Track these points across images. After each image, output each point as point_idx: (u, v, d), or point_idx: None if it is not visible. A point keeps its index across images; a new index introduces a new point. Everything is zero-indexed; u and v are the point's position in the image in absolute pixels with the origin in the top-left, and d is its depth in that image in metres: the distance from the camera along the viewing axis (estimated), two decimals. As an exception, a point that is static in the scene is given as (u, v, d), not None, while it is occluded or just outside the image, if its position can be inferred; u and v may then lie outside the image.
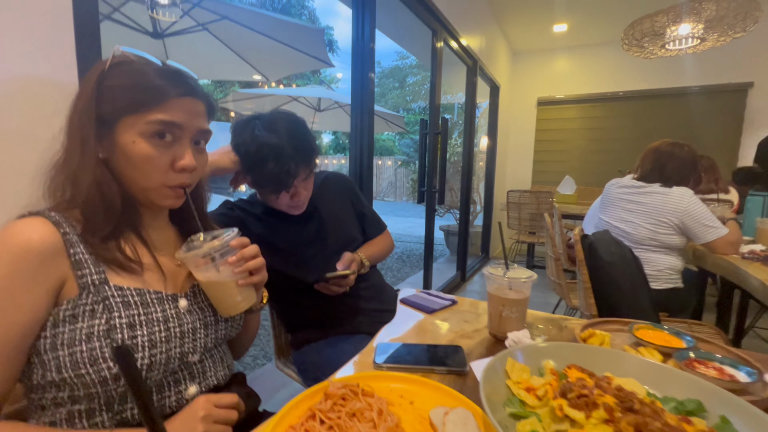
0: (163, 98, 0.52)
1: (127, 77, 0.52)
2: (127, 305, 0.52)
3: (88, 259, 0.51)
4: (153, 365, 0.52)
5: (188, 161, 0.55)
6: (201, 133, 0.58)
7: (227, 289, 0.59)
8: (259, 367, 2.21)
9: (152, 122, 0.52)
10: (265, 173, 0.86)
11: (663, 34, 2.61)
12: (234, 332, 0.68)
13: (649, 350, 0.64)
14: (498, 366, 0.51)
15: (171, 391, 0.56)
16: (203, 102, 0.58)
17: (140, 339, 0.51)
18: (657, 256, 1.62)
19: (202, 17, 2.81)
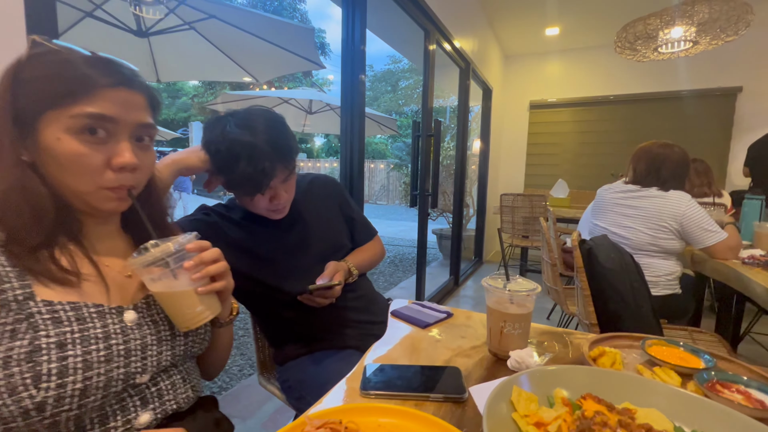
0: (90, 89, 0.46)
1: (48, 67, 0.46)
2: (57, 322, 0.44)
3: (10, 273, 0.44)
4: (88, 390, 0.44)
5: (127, 158, 0.48)
6: (142, 128, 0.51)
7: (185, 298, 0.52)
8: (246, 378, 2.11)
9: (78, 116, 0.45)
10: (238, 174, 0.78)
11: (656, 37, 2.60)
12: (198, 348, 0.60)
13: (665, 371, 0.58)
14: (502, 396, 0.45)
15: (118, 420, 0.48)
16: (142, 94, 0.51)
17: (72, 360, 0.44)
18: (656, 262, 1.59)
19: (188, 16, 2.73)
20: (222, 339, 0.67)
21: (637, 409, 0.43)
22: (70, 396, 0.43)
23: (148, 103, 0.53)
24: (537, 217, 3.30)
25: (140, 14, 2.52)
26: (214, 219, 0.92)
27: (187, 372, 0.59)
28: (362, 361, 0.65)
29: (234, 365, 2.25)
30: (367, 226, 1.11)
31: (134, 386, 0.50)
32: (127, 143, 0.49)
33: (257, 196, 0.84)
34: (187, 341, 0.57)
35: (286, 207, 0.90)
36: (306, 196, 1.01)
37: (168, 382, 0.54)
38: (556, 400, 0.46)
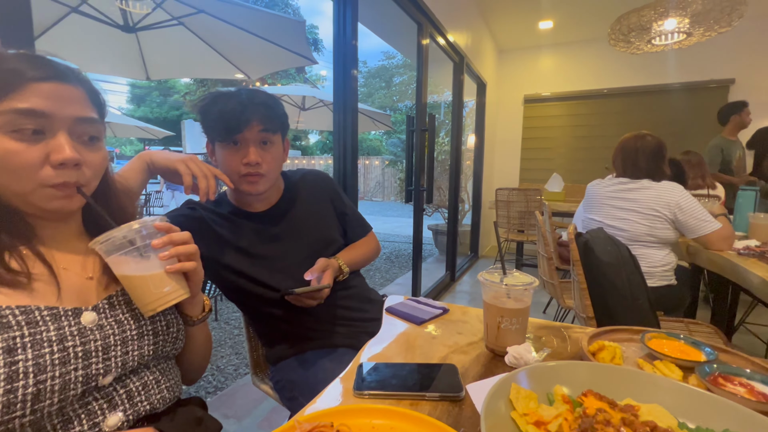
0: (18, 84, 0.44)
1: None
2: (6, 326, 0.43)
3: None
4: (42, 393, 0.43)
5: (66, 154, 0.46)
6: (81, 123, 0.49)
7: (152, 278, 0.51)
8: (241, 377, 2.09)
9: (6, 112, 0.44)
10: (215, 113, 0.82)
11: (649, 29, 2.59)
12: (171, 348, 0.58)
13: (666, 364, 0.57)
14: (500, 394, 0.43)
15: (83, 423, 0.47)
16: (78, 87, 0.49)
17: (22, 365, 0.42)
18: (652, 252, 1.59)
19: (176, 10, 2.67)
20: (196, 339, 0.65)
21: (640, 405, 0.42)
22: (22, 401, 0.41)
23: (89, 97, 0.51)
24: (532, 212, 3.30)
25: (126, 8, 2.46)
26: (200, 213, 0.90)
27: (162, 372, 0.57)
28: (356, 360, 0.63)
29: (229, 365, 2.22)
30: (360, 222, 1.09)
31: (97, 389, 0.49)
32: (65, 138, 0.47)
33: (230, 155, 0.84)
34: (156, 340, 0.55)
35: (258, 180, 0.86)
36: (296, 189, 0.99)
37: (139, 383, 0.53)
38: (556, 398, 0.44)
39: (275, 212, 0.94)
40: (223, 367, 2.20)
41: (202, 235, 0.87)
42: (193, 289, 0.58)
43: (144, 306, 0.52)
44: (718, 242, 1.50)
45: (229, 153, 0.84)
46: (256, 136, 0.84)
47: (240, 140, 0.83)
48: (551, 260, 1.93)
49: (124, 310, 0.53)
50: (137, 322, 0.54)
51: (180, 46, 3.10)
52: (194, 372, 0.69)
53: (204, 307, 0.63)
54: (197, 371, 0.69)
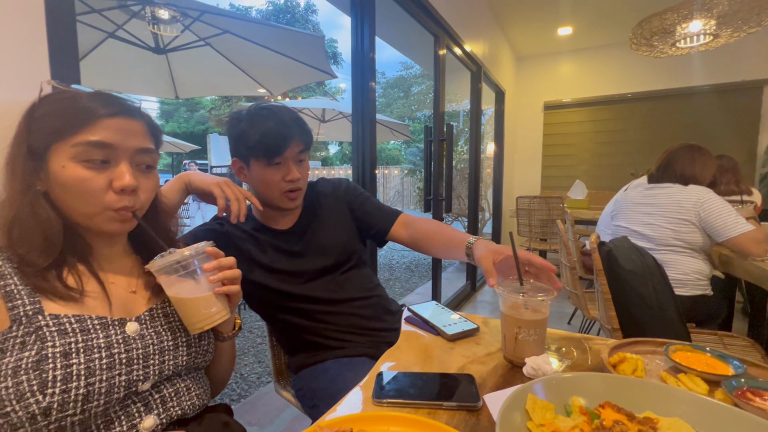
0: (90, 119, 0.51)
1: (55, 104, 0.51)
2: (63, 333, 0.48)
3: (21, 290, 0.48)
4: (91, 395, 0.47)
5: (126, 181, 0.52)
6: (141, 153, 0.55)
7: (202, 300, 0.56)
8: (264, 385, 2.13)
9: (79, 144, 0.50)
10: (258, 134, 0.84)
11: (673, 32, 2.53)
12: (202, 360, 0.62)
13: (691, 378, 0.55)
14: (516, 404, 0.43)
15: (123, 424, 0.51)
16: (141, 122, 0.56)
17: (75, 368, 0.47)
18: (683, 259, 1.52)
19: (203, 32, 2.81)
20: (225, 354, 0.69)
21: (659, 418, 0.41)
22: (74, 401, 0.45)
23: (148, 130, 0.57)
24: (554, 220, 3.23)
25: (158, 32, 2.61)
26: (226, 229, 0.95)
27: (193, 381, 0.61)
28: (375, 369, 0.64)
29: (252, 373, 2.27)
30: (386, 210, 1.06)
31: (137, 393, 0.53)
32: (126, 166, 0.53)
33: (271, 173, 0.88)
34: (189, 351, 0.59)
35: (299, 194, 0.92)
36: (314, 205, 1.02)
37: (172, 389, 0.57)
38: (573, 409, 0.44)
39: (297, 229, 0.98)
40: (247, 375, 2.24)
41: (228, 249, 0.91)
42: (231, 309, 0.62)
43: (192, 325, 0.56)
44: (749, 245, 1.41)
45: (270, 171, 0.88)
46: (296, 155, 0.89)
47: (280, 159, 0.88)
48: (574, 270, 1.89)
49: (162, 322, 0.58)
50: (173, 334, 0.58)
51: (206, 66, 3.25)
52: (218, 384, 0.72)
53: (235, 326, 0.67)
54: (221, 383, 0.73)
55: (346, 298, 0.96)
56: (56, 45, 0.70)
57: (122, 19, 2.59)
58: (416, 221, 1.02)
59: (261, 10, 15.90)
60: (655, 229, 1.56)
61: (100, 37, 2.64)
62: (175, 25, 2.60)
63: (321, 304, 0.94)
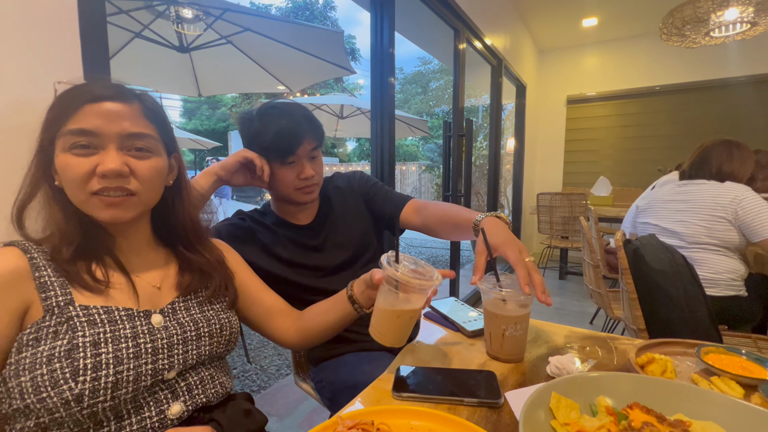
0: (73, 107, 0.51)
1: (56, 101, 0.53)
2: (92, 323, 0.50)
3: (55, 282, 0.50)
4: (119, 383, 0.49)
5: (109, 165, 0.51)
6: (129, 138, 0.53)
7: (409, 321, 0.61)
8: (283, 377, 2.17)
9: (65, 134, 0.51)
10: (270, 134, 0.86)
11: (707, 21, 2.41)
12: (224, 350, 0.63)
13: (725, 381, 0.53)
14: (540, 402, 0.43)
15: (152, 410, 0.53)
16: (132, 105, 0.54)
17: (105, 356, 0.48)
18: (716, 258, 1.45)
19: (225, 30, 2.86)
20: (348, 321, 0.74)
21: (692, 421, 0.40)
22: (104, 388, 0.47)
23: (142, 112, 0.55)
24: (577, 217, 3.15)
25: (182, 31, 2.67)
26: (248, 224, 0.97)
27: (216, 369, 0.62)
28: (394, 364, 0.64)
29: (272, 365, 2.31)
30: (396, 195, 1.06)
31: (164, 381, 0.54)
32: (114, 151, 0.52)
33: (286, 172, 0.89)
34: (211, 342, 0.60)
35: (314, 188, 0.93)
36: (331, 200, 1.03)
37: (196, 378, 0.58)
38: (599, 409, 0.43)
39: (315, 225, 0.99)
40: (266, 367, 2.29)
41: (249, 243, 0.94)
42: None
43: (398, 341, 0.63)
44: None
45: (285, 170, 0.90)
46: (309, 153, 0.90)
47: (293, 158, 0.89)
48: (598, 268, 1.83)
49: (184, 314, 0.59)
50: (195, 325, 0.59)
51: (228, 63, 3.31)
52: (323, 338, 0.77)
53: None
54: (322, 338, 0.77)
55: None
56: (89, 46, 0.72)
57: (148, 19, 2.66)
58: (428, 206, 1.00)
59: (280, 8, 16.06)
60: (687, 226, 1.49)
61: (127, 38, 2.73)
62: (198, 24, 2.66)
63: None
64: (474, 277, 0.66)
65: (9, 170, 0.60)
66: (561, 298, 3.33)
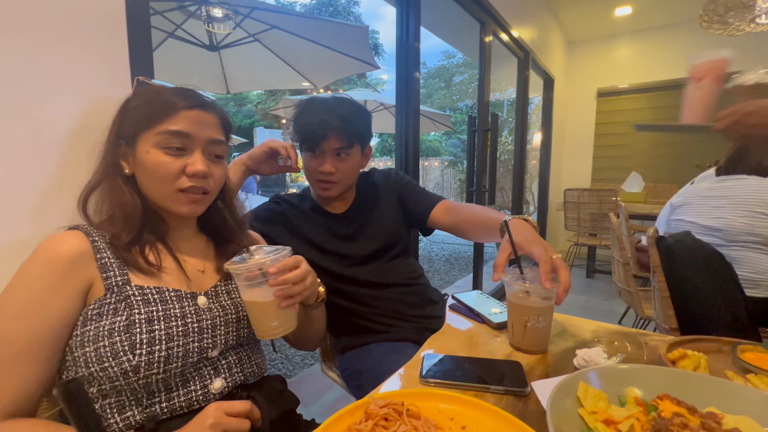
0: (172, 111, 0.57)
1: (145, 97, 0.58)
2: (146, 302, 0.54)
3: (113, 263, 0.55)
4: (171, 357, 0.53)
5: (198, 166, 0.57)
6: (213, 144, 0.60)
7: (263, 311, 0.59)
8: (308, 367, 2.23)
9: (162, 132, 0.56)
10: (299, 123, 0.92)
11: (752, 6, 2.28)
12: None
13: (762, 379, 0.52)
14: (568, 390, 0.43)
15: (197, 384, 0.57)
16: (215, 115, 0.61)
17: (158, 333, 0.53)
18: (758, 257, 1.37)
19: (252, 28, 2.93)
20: (314, 319, 0.75)
21: (724, 415, 0.39)
22: (157, 361, 0.52)
23: (221, 123, 0.62)
24: (606, 214, 3.06)
25: (212, 30, 2.76)
26: (283, 208, 1.02)
27: (253, 351, 0.67)
28: (420, 352, 0.66)
29: (297, 354, 2.38)
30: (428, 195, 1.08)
31: (207, 358, 0.59)
32: (199, 155, 0.59)
33: (311, 161, 0.94)
34: (248, 325, 0.64)
35: (331, 186, 0.96)
36: (367, 192, 1.06)
37: (235, 357, 0.63)
38: (628, 399, 0.43)
39: (349, 214, 1.02)
40: (292, 356, 2.36)
41: (284, 226, 0.99)
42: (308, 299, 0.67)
43: (257, 332, 0.60)
44: None
45: (309, 159, 0.95)
46: (334, 150, 0.93)
47: (318, 151, 0.93)
48: (628, 266, 1.78)
49: (225, 298, 0.64)
50: (236, 309, 0.64)
51: (255, 61, 3.39)
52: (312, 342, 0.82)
53: (318, 296, 0.71)
54: (315, 340, 0.82)
55: (391, 283, 0.99)
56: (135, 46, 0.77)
57: (180, 19, 2.76)
58: (458, 207, 1.02)
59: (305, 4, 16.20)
60: (726, 223, 1.42)
61: (161, 38, 2.84)
62: (228, 23, 2.73)
63: (367, 287, 0.98)
64: (495, 274, 0.66)
65: (76, 166, 0.66)
66: (588, 297, 3.25)
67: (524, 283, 0.64)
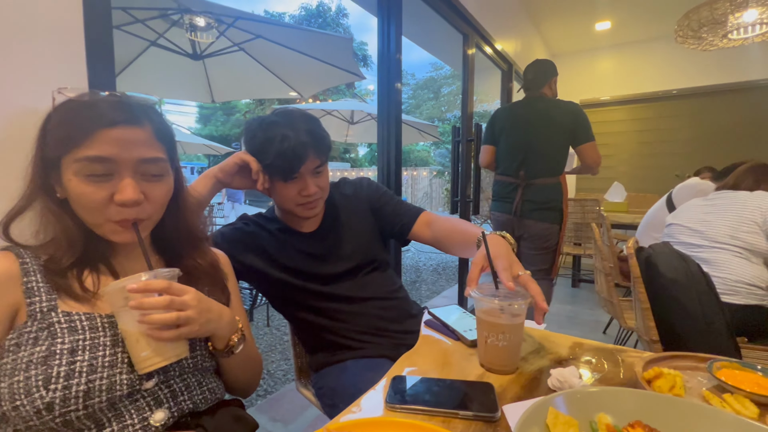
0: (88, 132, 0.49)
1: (61, 116, 0.50)
2: (72, 330, 0.49)
3: (41, 288, 0.50)
4: (91, 391, 0.48)
5: (125, 195, 0.50)
6: (144, 163, 0.52)
7: (130, 339, 0.50)
8: (289, 382, 2.16)
9: (80, 159, 0.49)
10: (272, 154, 0.82)
11: (725, 23, 2.35)
12: (209, 364, 0.61)
13: (738, 399, 0.50)
14: (535, 418, 0.41)
15: (134, 418, 0.51)
16: (145, 128, 0.53)
17: (79, 365, 0.48)
18: (737, 261, 1.39)
19: (237, 37, 2.91)
20: (233, 368, 0.65)
21: (698, 443, 0.37)
22: (75, 397, 0.46)
23: (155, 136, 0.54)
24: (589, 223, 3.08)
25: (195, 39, 2.73)
26: (251, 228, 0.96)
27: (204, 376, 0.61)
28: (391, 372, 0.63)
29: (279, 369, 2.31)
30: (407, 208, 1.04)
31: (143, 390, 0.53)
32: (129, 180, 0.51)
33: (287, 188, 0.87)
34: (194, 355, 0.58)
35: (316, 204, 0.91)
36: (337, 208, 1.02)
37: (182, 384, 0.57)
38: (599, 427, 0.41)
39: (319, 233, 0.97)
40: (273, 371, 2.29)
41: (252, 248, 0.93)
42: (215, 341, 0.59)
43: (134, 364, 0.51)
44: None
45: (287, 187, 0.87)
46: (312, 170, 0.87)
47: (297, 175, 0.86)
48: (609, 276, 1.78)
49: None
50: None
51: (240, 70, 3.37)
52: (239, 391, 0.71)
53: (230, 341, 0.60)
54: (242, 390, 0.71)
55: (366, 297, 0.96)
56: (94, 55, 0.73)
57: (163, 27, 2.73)
58: (439, 220, 0.99)
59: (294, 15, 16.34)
60: (708, 225, 1.46)
61: (143, 46, 2.80)
62: (211, 32, 2.71)
63: (342, 303, 0.94)
64: (468, 288, 0.64)
65: (8, 179, 0.58)
66: (573, 307, 3.25)
67: (493, 299, 0.61)
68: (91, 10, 0.71)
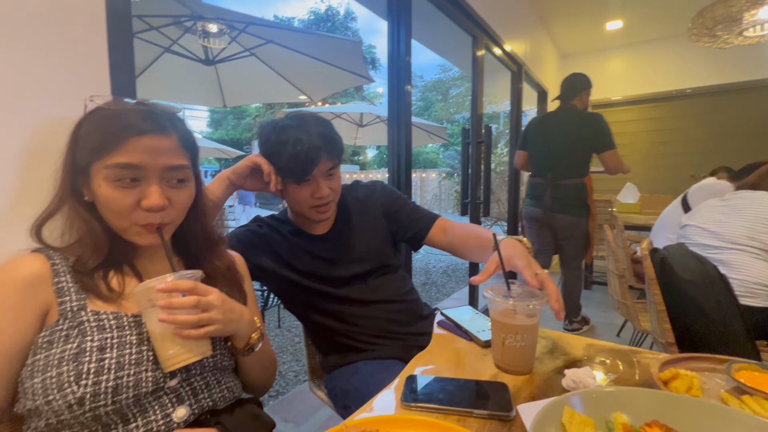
0: (119, 140, 0.52)
1: (93, 124, 0.53)
2: (101, 329, 0.52)
3: (71, 288, 0.53)
4: (119, 387, 0.50)
5: (152, 201, 0.53)
6: (170, 170, 0.55)
7: (155, 339, 0.52)
8: (301, 383, 2.18)
9: (110, 166, 0.52)
10: (285, 156, 0.83)
11: (740, 20, 2.31)
12: (228, 362, 0.63)
13: (757, 401, 0.49)
14: (551, 417, 0.41)
15: (157, 414, 0.53)
16: (171, 137, 0.56)
17: (108, 361, 0.50)
18: (756, 263, 1.35)
19: (248, 42, 2.96)
20: (250, 366, 0.67)
21: (717, 442, 0.37)
22: (104, 392, 0.49)
23: (180, 144, 0.57)
24: (601, 225, 3.04)
25: (207, 45, 2.78)
26: (264, 231, 0.98)
27: (223, 374, 0.63)
28: (405, 372, 0.63)
29: (290, 371, 2.33)
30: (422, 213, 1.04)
31: (166, 388, 0.55)
32: (155, 186, 0.54)
33: (300, 190, 0.88)
34: (214, 353, 0.60)
35: (329, 207, 0.92)
36: (349, 211, 1.02)
37: (202, 382, 0.59)
38: (615, 426, 0.41)
39: (331, 236, 0.98)
40: (285, 372, 2.31)
41: (265, 250, 0.95)
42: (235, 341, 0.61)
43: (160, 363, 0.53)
44: None
45: (300, 189, 0.89)
46: (325, 172, 0.88)
47: (309, 178, 0.87)
48: (623, 278, 1.76)
49: None
50: None
51: (251, 75, 3.42)
52: (256, 389, 0.73)
53: (250, 340, 0.63)
54: (259, 388, 0.73)
55: (377, 300, 0.96)
56: (116, 62, 0.75)
57: (177, 34, 2.79)
58: (455, 226, 1.00)
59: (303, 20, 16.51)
60: (726, 227, 1.42)
61: (157, 52, 2.87)
62: (223, 38, 2.76)
63: (353, 306, 0.95)
64: (477, 276, 0.67)
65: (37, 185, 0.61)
66: (586, 309, 3.21)
67: (508, 300, 0.62)
68: (113, 19, 0.73)
